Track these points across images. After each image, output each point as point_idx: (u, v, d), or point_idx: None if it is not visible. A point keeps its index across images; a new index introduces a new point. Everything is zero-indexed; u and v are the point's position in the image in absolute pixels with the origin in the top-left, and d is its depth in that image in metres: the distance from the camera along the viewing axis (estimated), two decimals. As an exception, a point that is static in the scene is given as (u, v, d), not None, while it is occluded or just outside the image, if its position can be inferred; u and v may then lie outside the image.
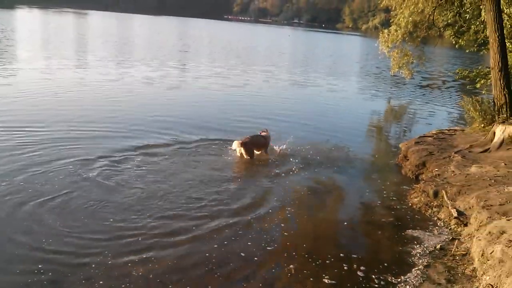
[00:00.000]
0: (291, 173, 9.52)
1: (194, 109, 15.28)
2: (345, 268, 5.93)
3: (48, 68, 21.02)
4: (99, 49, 32.43)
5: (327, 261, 6.06)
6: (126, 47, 36.54)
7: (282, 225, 7.10)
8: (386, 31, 15.57)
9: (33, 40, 34.54)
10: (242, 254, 6.09)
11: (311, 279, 5.63)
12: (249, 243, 6.39)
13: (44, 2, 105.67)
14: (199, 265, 5.74)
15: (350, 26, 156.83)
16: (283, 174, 9.41)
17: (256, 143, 10.48)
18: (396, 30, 14.90)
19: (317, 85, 23.49)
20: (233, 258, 5.98)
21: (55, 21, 62.84)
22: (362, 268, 5.94)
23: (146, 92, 17.64)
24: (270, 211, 7.58)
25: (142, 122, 12.60)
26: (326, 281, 5.59)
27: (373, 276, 5.76)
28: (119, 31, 56.05)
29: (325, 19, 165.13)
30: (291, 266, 5.88)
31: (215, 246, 6.23)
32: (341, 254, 6.30)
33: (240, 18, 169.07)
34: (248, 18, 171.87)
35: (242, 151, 10.15)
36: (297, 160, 10.34)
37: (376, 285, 5.59)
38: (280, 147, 10.93)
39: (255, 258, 6.02)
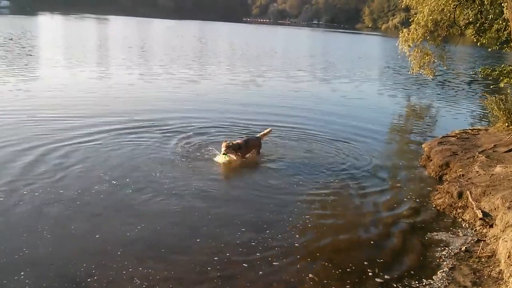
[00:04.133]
0: (312, 175, 9.48)
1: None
2: (367, 272, 5.88)
3: (78, 71, 21.41)
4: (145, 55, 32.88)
5: (348, 267, 5.98)
6: (170, 52, 37.18)
7: (303, 229, 7.04)
8: (406, 30, 15.43)
9: (62, 45, 35.09)
10: (263, 261, 6.02)
11: (332, 284, 5.58)
12: (269, 250, 6.33)
13: (65, 9, 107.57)
14: (220, 271, 5.71)
15: (369, 26, 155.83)
16: (303, 176, 9.36)
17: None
18: (416, 29, 14.77)
19: (341, 86, 23.32)
20: (254, 265, 5.92)
21: (80, 27, 63.79)
22: (384, 271, 5.88)
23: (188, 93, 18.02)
24: (290, 214, 7.53)
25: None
26: (348, 286, 5.54)
27: (396, 279, 5.71)
28: (149, 36, 56.40)
29: (344, 20, 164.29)
30: (313, 272, 5.82)
31: (235, 253, 6.18)
32: (362, 258, 6.23)
33: (259, 20, 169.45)
34: (267, 20, 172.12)
35: None
36: (317, 161, 10.32)
37: (399, 288, 5.56)
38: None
39: (276, 264, 5.97)
